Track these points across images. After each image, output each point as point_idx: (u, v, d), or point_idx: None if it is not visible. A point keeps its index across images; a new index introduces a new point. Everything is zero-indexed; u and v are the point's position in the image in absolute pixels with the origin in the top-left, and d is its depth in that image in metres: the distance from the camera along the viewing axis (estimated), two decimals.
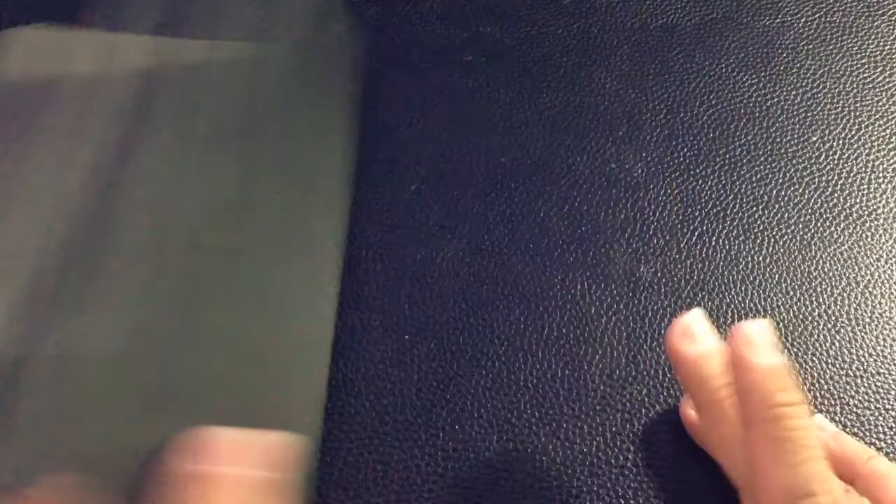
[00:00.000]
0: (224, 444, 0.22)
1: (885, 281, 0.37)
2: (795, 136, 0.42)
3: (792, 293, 0.36)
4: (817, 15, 0.47)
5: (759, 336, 0.27)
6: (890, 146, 0.41)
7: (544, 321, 0.35)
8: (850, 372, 0.35)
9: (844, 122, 0.42)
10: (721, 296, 0.36)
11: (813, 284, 0.37)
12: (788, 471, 0.25)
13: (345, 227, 0.33)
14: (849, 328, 0.36)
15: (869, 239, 0.38)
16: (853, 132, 0.42)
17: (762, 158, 0.41)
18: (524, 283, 0.36)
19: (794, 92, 0.43)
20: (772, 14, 0.47)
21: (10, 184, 0.29)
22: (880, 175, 0.40)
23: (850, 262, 0.37)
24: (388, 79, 0.42)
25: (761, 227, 0.38)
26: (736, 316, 0.36)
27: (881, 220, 0.39)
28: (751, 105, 0.43)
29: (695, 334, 0.28)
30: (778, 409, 0.25)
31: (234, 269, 0.30)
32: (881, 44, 0.45)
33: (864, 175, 0.40)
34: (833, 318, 0.36)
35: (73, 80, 0.32)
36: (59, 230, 0.28)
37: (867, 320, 0.36)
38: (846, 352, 0.35)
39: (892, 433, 0.33)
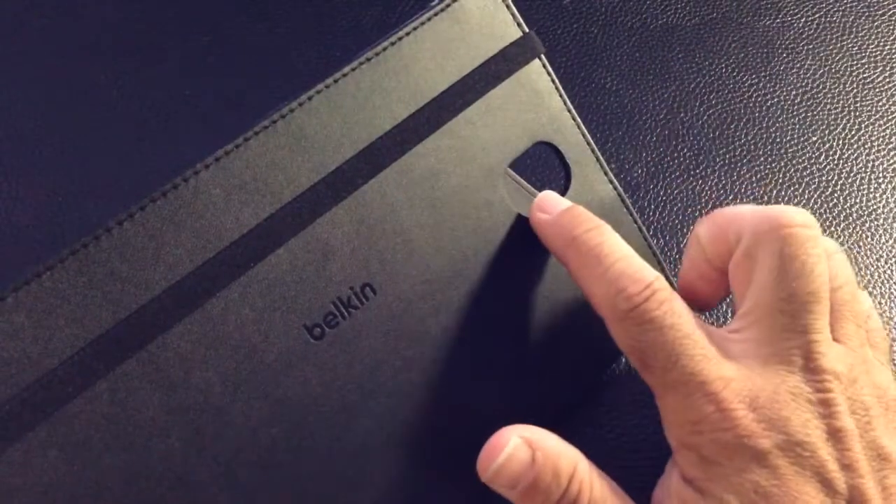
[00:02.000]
0: None
1: (885, 281, 0.37)
2: (795, 136, 0.42)
3: None
4: (817, 15, 0.47)
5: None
6: (890, 146, 0.41)
7: None
8: None
9: (844, 122, 0.42)
10: None
11: None
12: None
13: None
14: None
15: (869, 239, 0.38)
16: (853, 132, 0.42)
17: (762, 158, 0.41)
18: None
19: (794, 92, 0.43)
20: (772, 14, 0.47)
21: None
22: (880, 175, 0.40)
23: (850, 261, 0.37)
24: None
25: None
26: None
27: (881, 220, 0.39)
28: (751, 105, 0.43)
29: (549, 204, 0.29)
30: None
31: None
32: (881, 44, 0.45)
33: (864, 175, 0.40)
34: None
35: None
36: None
37: None
38: None
39: None
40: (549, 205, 0.29)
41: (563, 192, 0.32)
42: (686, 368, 0.24)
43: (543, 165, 0.40)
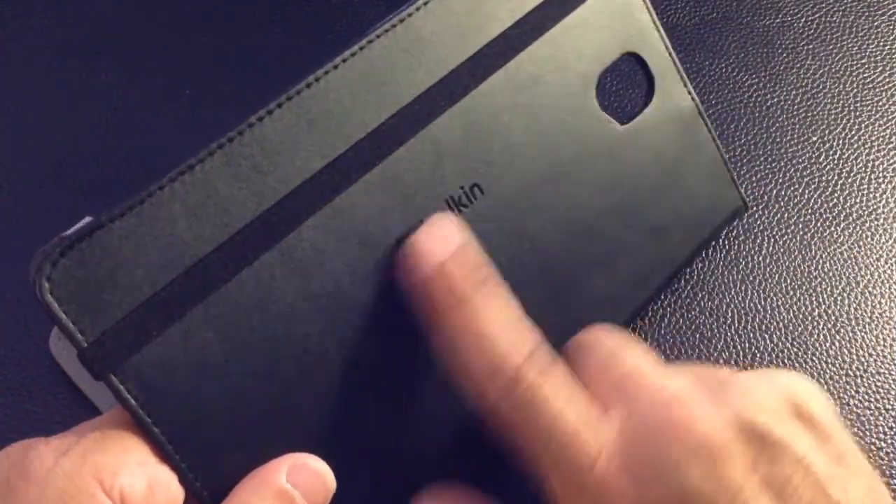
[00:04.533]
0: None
1: (885, 281, 0.37)
2: (795, 136, 0.42)
3: (792, 293, 0.36)
4: (817, 15, 0.47)
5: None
6: (890, 146, 0.41)
7: None
8: (850, 372, 0.35)
9: (844, 122, 0.42)
10: (721, 296, 0.36)
11: (813, 284, 0.37)
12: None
13: None
14: (849, 328, 0.36)
15: (869, 239, 0.38)
16: (853, 132, 0.42)
17: (762, 158, 0.41)
18: None
19: (794, 92, 0.43)
20: (772, 14, 0.47)
21: None
22: (880, 175, 0.40)
23: (850, 262, 0.37)
24: None
25: (761, 227, 0.38)
26: (736, 316, 0.36)
27: (881, 220, 0.39)
28: (751, 105, 0.43)
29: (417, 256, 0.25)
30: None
31: None
32: (881, 44, 0.45)
33: (864, 175, 0.40)
34: (833, 318, 0.36)
35: None
36: None
37: (867, 320, 0.36)
38: (846, 352, 0.35)
39: (892, 433, 0.33)
40: (419, 256, 0.25)
41: (646, 103, 0.33)
42: (555, 452, 0.23)
43: (626, 79, 0.42)
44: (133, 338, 0.23)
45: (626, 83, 0.43)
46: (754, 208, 0.39)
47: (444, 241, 0.25)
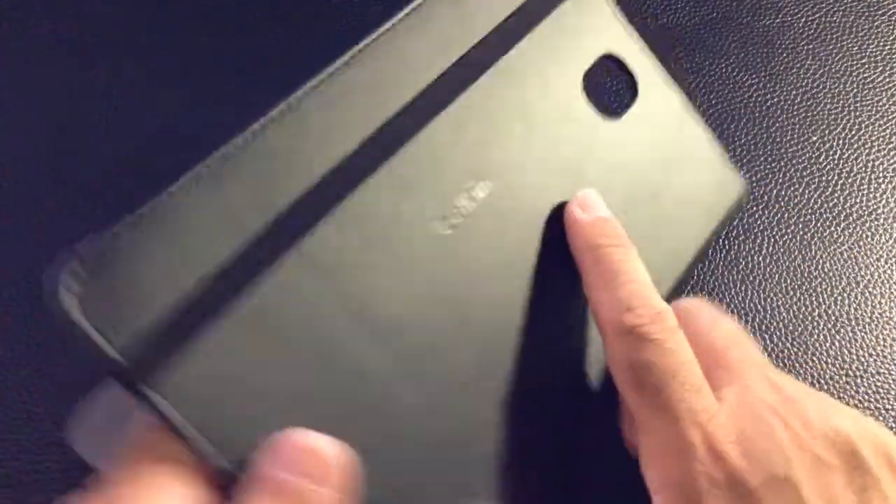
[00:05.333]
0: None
1: (885, 281, 0.37)
2: (795, 136, 0.42)
3: (792, 293, 0.36)
4: (817, 15, 0.47)
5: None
6: (890, 146, 0.41)
7: None
8: (850, 372, 0.35)
9: (844, 122, 0.42)
10: (721, 296, 0.36)
11: (813, 284, 0.37)
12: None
13: None
14: (849, 328, 0.36)
15: (869, 239, 0.38)
16: (853, 132, 0.42)
17: (762, 158, 0.41)
18: None
19: (794, 92, 0.43)
20: (772, 14, 0.47)
21: None
22: (880, 175, 0.40)
23: (850, 262, 0.37)
24: None
25: (761, 227, 0.38)
26: (736, 316, 0.36)
27: (881, 220, 0.39)
28: (751, 105, 0.43)
29: (590, 204, 0.29)
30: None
31: None
32: (881, 44, 0.45)
33: (864, 175, 0.40)
34: (833, 318, 0.36)
35: None
36: None
37: (867, 320, 0.36)
38: (846, 352, 0.35)
39: (892, 433, 0.33)
40: (590, 205, 0.29)
41: (630, 102, 0.33)
42: (677, 393, 0.24)
43: (616, 80, 0.41)
44: (164, 349, 0.22)
45: (622, 81, 0.43)
46: (754, 208, 0.39)
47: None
